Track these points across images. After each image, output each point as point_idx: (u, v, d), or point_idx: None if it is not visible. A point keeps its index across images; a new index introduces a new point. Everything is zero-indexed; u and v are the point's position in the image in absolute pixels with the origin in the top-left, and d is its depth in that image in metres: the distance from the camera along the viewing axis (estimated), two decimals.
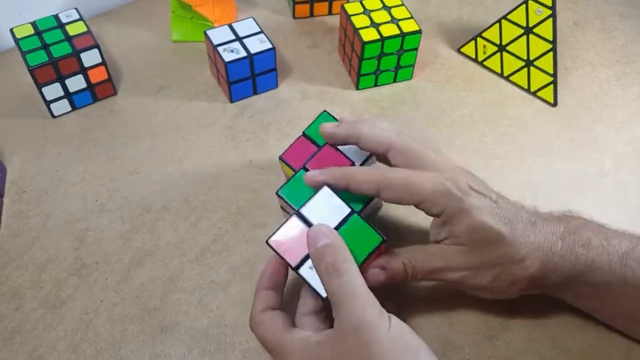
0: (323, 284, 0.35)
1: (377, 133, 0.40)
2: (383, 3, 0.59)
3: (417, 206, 0.38)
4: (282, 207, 0.45)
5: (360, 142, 0.40)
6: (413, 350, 0.32)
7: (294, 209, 0.39)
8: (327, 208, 0.38)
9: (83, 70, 0.55)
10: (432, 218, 0.39)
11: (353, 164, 0.42)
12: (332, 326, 0.35)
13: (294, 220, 0.38)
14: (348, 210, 0.38)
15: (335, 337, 0.33)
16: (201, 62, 0.62)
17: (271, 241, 0.37)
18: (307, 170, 0.41)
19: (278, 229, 0.38)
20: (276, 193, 0.41)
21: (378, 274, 0.37)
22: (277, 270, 0.39)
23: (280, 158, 0.44)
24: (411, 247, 0.39)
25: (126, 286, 0.44)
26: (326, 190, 0.38)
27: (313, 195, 0.38)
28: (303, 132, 0.45)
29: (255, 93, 0.59)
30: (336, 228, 0.37)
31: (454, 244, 0.38)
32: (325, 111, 0.45)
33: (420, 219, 0.48)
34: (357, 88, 0.60)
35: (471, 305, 0.43)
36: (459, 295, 0.43)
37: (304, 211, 0.38)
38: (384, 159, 0.41)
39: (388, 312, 0.34)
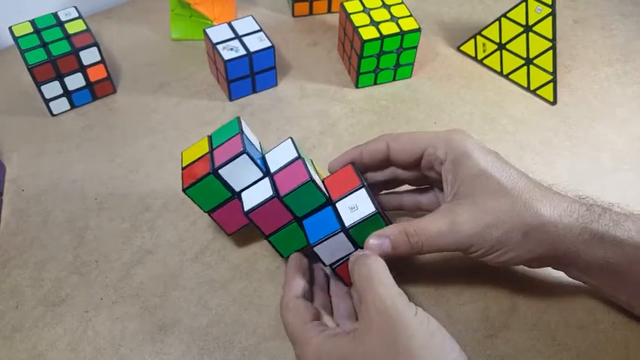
0: (352, 270, 0.36)
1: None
2: (382, 1, 0.59)
3: (424, 155, 0.40)
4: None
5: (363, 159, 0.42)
6: (439, 336, 0.32)
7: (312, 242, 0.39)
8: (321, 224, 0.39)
9: (82, 69, 0.55)
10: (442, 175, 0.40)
11: (271, 177, 0.40)
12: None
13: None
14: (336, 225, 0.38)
15: (361, 328, 0.33)
16: (201, 60, 0.62)
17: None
18: (275, 230, 0.40)
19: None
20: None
21: (381, 244, 0.37)
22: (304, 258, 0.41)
23: (228, 234, 0.43)
24: (417, 219, 0.38)
25: (125, 284, 0.44)
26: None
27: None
28: (206, 211, 0.42)
29: (255, 91, 0.59)
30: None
31: (458, 198, 0.37)
32: (185, 190, 0.40)
33: None
34: (357, 87, 0.60)
35: (471, 303, 0.43)
36: (458, 294, 0.43)
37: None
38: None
39: None
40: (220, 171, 0.39)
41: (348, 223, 0.37)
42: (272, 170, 0.40)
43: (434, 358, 0.31)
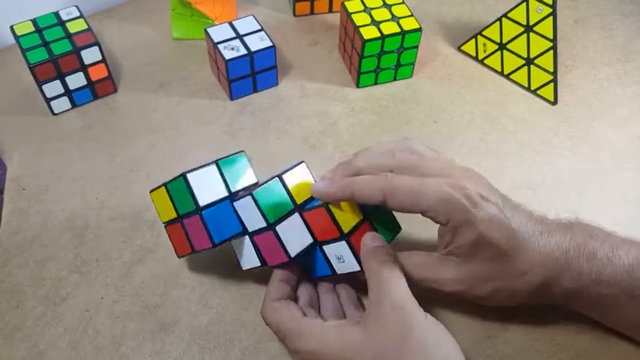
0: (370, 267, 0.36)
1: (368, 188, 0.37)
2: (383, 1, 0.59)
3: (422, 214, 0.37)
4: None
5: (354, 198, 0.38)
6: (446, 339, 0.34)
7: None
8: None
9: (83, 68, 0.55)
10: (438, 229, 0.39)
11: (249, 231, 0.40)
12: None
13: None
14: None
15: (372, 319, 0.34)
16: (202, 60, 0.62)
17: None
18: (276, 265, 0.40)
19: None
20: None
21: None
22: (292, 265, 0.40)
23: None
24: (407, 253, 0.39)
25: (126, 283, 0.44)
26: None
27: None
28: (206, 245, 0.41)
29: (256, 91, 0.59)
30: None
31: (452, 255, 0.37)
32: (181, 255, 0.42)
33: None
34: (358, 86, 0.60)
35: (470, 304, 0.43)
36: None
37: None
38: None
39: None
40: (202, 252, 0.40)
41: (339, 271, 0.39)
42: (249, 229, 0.39)
43: (444, 356, 0.33)
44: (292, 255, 0.38)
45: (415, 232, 0.47)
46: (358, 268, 0.38)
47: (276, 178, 0.39)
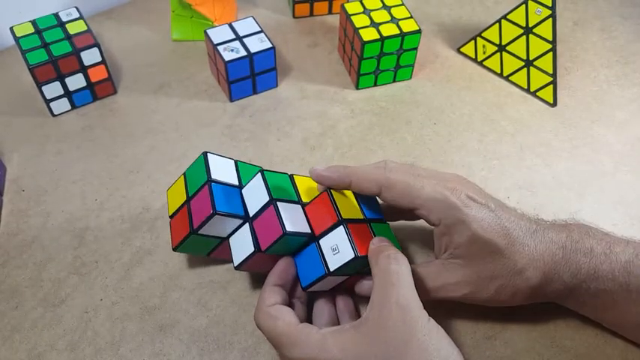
0: (378, 262, 0.36)
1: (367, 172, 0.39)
2: (383, 2, 0.59)
3: (415, 212, 0.38)
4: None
5: (351, 184, 0.39)
6: (447, 345, 0.33)
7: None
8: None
9: (83, 69, 0.55)
10: (434, 234, 0.39)
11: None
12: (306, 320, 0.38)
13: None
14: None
15: (372, 318, 0.34)
16: (201, 61, 0.62)
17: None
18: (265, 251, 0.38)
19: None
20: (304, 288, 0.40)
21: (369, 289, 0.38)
22: (287, 268, 0.39)
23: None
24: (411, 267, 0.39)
25: (125, 285, 0.44)
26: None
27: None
28: (205, 255, 0.43)
29: (255, 92, 0.59)
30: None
31: (453, 258, 0.38)
32: (175, 249, 0.41)
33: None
34: (357, 88, 0.60)
35: (470, 305, 0.43)
36: None
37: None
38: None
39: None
40: (200, 231, 0.39)
41: (332, 267, 0.38)
42: (250, 213, 0.39)
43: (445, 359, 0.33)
44: (287, 229, 0.37)
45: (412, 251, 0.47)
46: (352, 255, 0.36)
47: (287, 174, 0.41)
